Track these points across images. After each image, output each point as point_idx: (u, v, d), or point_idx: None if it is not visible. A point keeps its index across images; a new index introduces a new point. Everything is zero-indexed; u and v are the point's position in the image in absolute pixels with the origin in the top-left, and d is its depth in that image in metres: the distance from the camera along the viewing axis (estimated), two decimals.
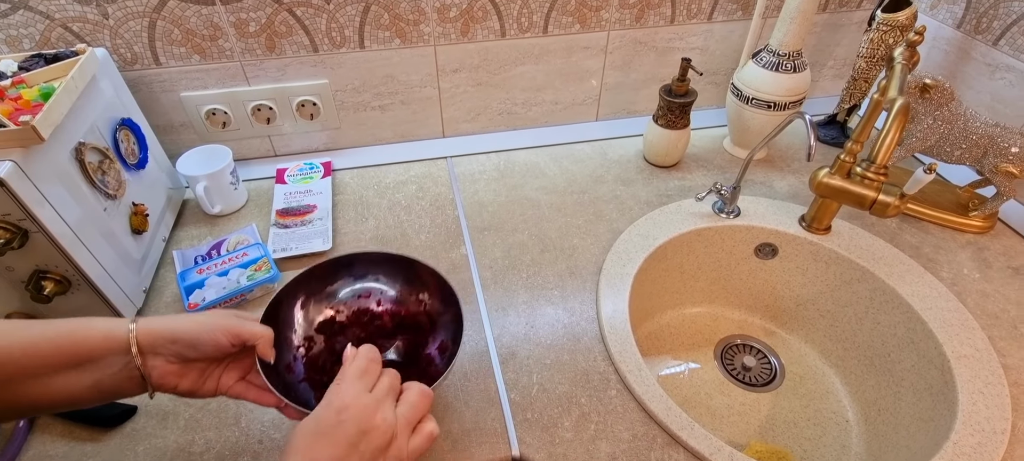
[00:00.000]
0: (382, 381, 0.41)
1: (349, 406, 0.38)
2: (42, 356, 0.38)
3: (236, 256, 0.70)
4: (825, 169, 0.69)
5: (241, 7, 0.73)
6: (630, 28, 0.87)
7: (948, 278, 0.70)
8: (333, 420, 0.38)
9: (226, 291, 0.65)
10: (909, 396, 0.66)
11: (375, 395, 0.40)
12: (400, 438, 0.39)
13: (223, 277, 0.67)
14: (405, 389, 0.43)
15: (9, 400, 0.38)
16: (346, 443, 0.37)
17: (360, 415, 0.38)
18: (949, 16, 0.86)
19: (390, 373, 0.43)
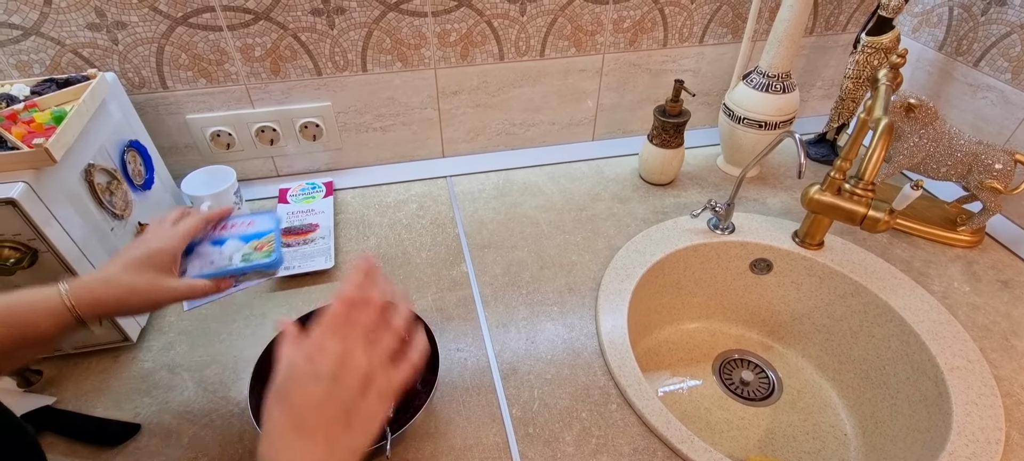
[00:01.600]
0: (356, 325, 0.40)
1: (315, 359, 0.37)
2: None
3: (240, 224, 0.57)
4: (816, 186, 0.70)
5: (247, 32, 0.75)
6: (624, 51, 0.90)
7: (939, 291, 0.72)
8: (300, 371, 0.37)
9: (213, 268, 0.52)
10: (905, 408, 0.67)
11: (346, 341, 0.39)
12: (379, 375, 0.38)
13: (217, 247, 0.54)
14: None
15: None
16: (319, 390, 0.36)
17: (327, 361, 0.37)
18: (931, 39, 0.89)
19: (367, 312, 0.42)
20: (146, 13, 0.71)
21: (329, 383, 0.36)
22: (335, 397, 0.36)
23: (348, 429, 0.36)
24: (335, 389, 0.36)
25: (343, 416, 0.36)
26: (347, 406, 0.36)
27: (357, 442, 0.36)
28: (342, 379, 0.36)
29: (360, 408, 0.37)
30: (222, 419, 0.57)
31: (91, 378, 0.61)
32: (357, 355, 0.38)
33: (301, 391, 0.36)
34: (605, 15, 0.85)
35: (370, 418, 0.38)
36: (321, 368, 0.36)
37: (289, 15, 0.75)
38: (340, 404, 0.36)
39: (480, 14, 0.80)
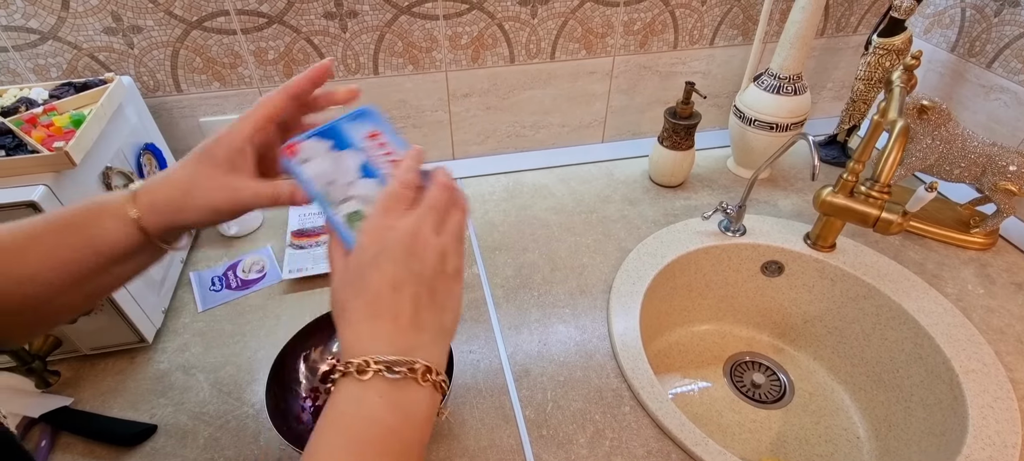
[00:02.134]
0: (420, 204, 0.35)
1: (381, 232, 0.33)
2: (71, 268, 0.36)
3: (391, 150, 0.43)
4: (828, 188, 0.70)
5: (261, 36, 0.75)
6: (634, 54, 0.90)
7: (953, 294, 0.71)
8: (371, 252, 0.33)
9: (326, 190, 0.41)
10: (919, 411, 0.66)
11: (414, 216, 0.34)
12: (452, 251, 0.35)
13: (349, 159, 0.43)
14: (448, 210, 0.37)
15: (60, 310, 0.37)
16: (393, 268, 0.32)
17: (397, 237, 0.33)
18: (943, 40, 0.89)
19: (431, 191, 0.36)
20: (161, 17, 0.71)
21: (404, 258, 0.33)
22: (413, 272, 0.33)
23: (433, 305, 0.33)
24: (411, 263, 0.33)
25: (426, 292, 0.33)
26: (428, 282, 0.33)
27: (444, 320, 0.34)
28: (417, 253, 0.33)
29: (440, 284, 0.34)
30: (237, 420, 0.58)
31: (108, 379, 0.62)
32: (426, 229, 0.34)
33: (375, 272, 0.32)
34: (616, 17, 0.85)
35: (451, 295, 0.35)
36: (391, 245, 0.33)
37: (302, 19, 0.75)
38: (419, 280, 0.33)
39: (491, 17, 0.81)
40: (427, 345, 0.33)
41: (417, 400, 0.31)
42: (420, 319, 0.33)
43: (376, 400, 0.30)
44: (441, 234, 0.35)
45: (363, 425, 0.30)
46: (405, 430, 0.31)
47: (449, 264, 0.34)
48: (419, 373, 0.31)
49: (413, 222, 0.34)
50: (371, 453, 0.29)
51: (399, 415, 0.31)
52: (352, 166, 0.38)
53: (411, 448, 0.31)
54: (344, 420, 0.30)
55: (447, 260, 0.34)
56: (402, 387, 0.31)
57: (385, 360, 0.31)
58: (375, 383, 0.30)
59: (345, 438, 0.30)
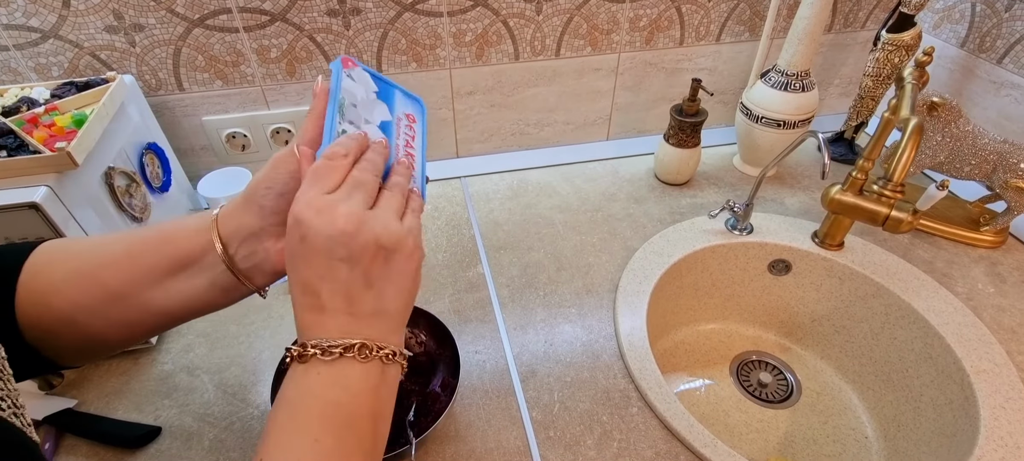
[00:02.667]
0: (347, 181, 0.34)
1: (302, 218, 0.32)
2: (147, 260, 0.37)
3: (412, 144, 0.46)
4: (837, 186, 0.70)
5: (264, 34, 0.75)
6: (640, 50, 0.89)
7: (963, 293, 0.70)
8: (295, 240, 0.33)
9: None
10: (929, 412, 0.66)
11: (335, 196, 0.33)
12: (385, 230, 0.33)
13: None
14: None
15: (132, 316, 0.37)
16: (319, 258, 0.32)
17: (324, 230, 0.32)
18: (953, 35, 0.88)
19: (357, 167, 0.35)
20: (164, 15, 0.71)
21: (328, 247, 0.32)
22: (339, 261, 0.32)
23: (368, 290, 0.33)
24: (336, 251, 0.32)
25: (359, 279, 0.33)
26: (360, 269, 0.33)
27: (384, 303, 0.34)
28: (342, 241, 0.32)
29: (374, 269, 0.33)
30: (242, 422, 0.57)
31: (112, 381, 0.62)
32: (354, 210, 0.32)
33: (303, 264, 0.33)
34: (621, 14, 0.84)
35: (390, 277, 0.34)
36: (316, 234, 0.32)
37: (305, 16, 0.75)
38: (349, 268, 0.32)
39: (496, 13, 0.80)
40: (366, 328, 0.34)
41: (356, 375, 0.33)
42: (355, 308, 0.33)
43: (315, 379, 0.32)
44: (375, 209, 0.34)
45: (306, 401, 0.32)
46: (346, 402, 0.33)
47: (385, 242, 0.33)
48: (355, 350, 0.33)
49: (341, 206, 0.32)
50: (314, 424, 0.31)
51: (337, 389, 0.32)
52: (378, 115, 0.40)
53: (356, 418, 0.33)
54: (289, 399, 0.33)
55: (381, 239, 0.33)
56: (338, 366, 0.33)
57: (320, 345, 0.32)
58: (314, 365, 0.32)
59: (289, 413, 0.32)
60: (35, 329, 0.36)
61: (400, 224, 0.34)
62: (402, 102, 0.41)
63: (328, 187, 0.33)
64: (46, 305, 0.36)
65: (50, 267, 0.37)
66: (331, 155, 0.34)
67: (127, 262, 0.37)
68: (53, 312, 0.36)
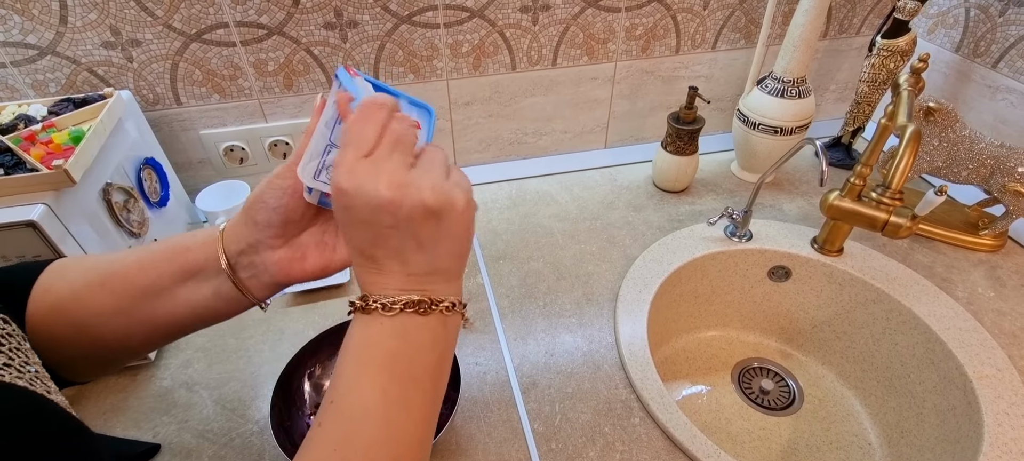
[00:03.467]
0: (384, 139, 0.33)
1: (344, 188, 0.31)
2: (157, 269, 0.38)
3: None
4: (836, 192, 0.70)
5: (261, 48, 0.75)
6: (636, 59, 0.89)
7: (963, 297, 0.70)
8: (340, 210, 0.32)
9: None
10: (932, 417, 0.65)
11: (376, 158, 0.32)
12: (429, 190, 0.32)
13: None
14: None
15: (143, 323, 0.39)
16: (367, 227, 0.32)
17: (369, 196, 0.31)
18: (947, 40, 0.88)
19: (391, 127, 0.33)
20: (160, 31, 0.71)
21: (373, 214, 0.32)
22: (387, 228, 0.32)
23: (420, 250, 0.33)
24: (382, 218, 0.32)
25: (411, 242, 0.33)
26: (409, 232, 0.32)
27: (436, 260, 0.34)
28: (386, 208, 0.31)
29: (423, 230, 0.32)
30: (242, 438, 0.57)
31: (110, 397, 0.61)
32: (397, 172, 0.32)
33: (355, 232, 0.33)
34: (617, 23, 0.85)
35: (438, 236, 0.33)
36: (362, 202, 0.31)
37: (302, 30, 0.75)
38: (398, 233, 0.32)
39: (492, 25, 0.80)
40: (424, 284, 0.34)
41: (417, 327, 0.34)
42: (409, 268, 0.34)
43: (378, 329, 0.33)
44: (418, 169, 0.33)
45: (368, 350, 0.33)
46: (408, 352, 0.34)
47: (433, 204, 0.32)
48: (415, 306, 0.33)
49: (384, 170, 0.31)
50: (382, 375, 0.33)
51: (399, 340, 0.33)
52: None
53: (418, 367, 0.34)
54: (353, 346, 0.34)
55: (428, 203, 0.32)
56: (400, 319, 0.33)
57: (380, 300, 0.33)
58: (376, 317, 0.33)
59: (355, 360, 0.33)
60: (46, 341, 0.37)
61: (447, 181, 0.33)
62: (407, 109, 0.40)
63: (366, 147, 0.32)
64: (59, 314, 0.37)
65: (62, 280, 0.38)
66: (367, 107, 0.33)
67: (137, 270, 0.38)
68: (66, 319, 0.37)
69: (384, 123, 0.33)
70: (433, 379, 0.35)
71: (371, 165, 0.31)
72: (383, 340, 0.33)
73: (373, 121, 0.32)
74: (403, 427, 0.33)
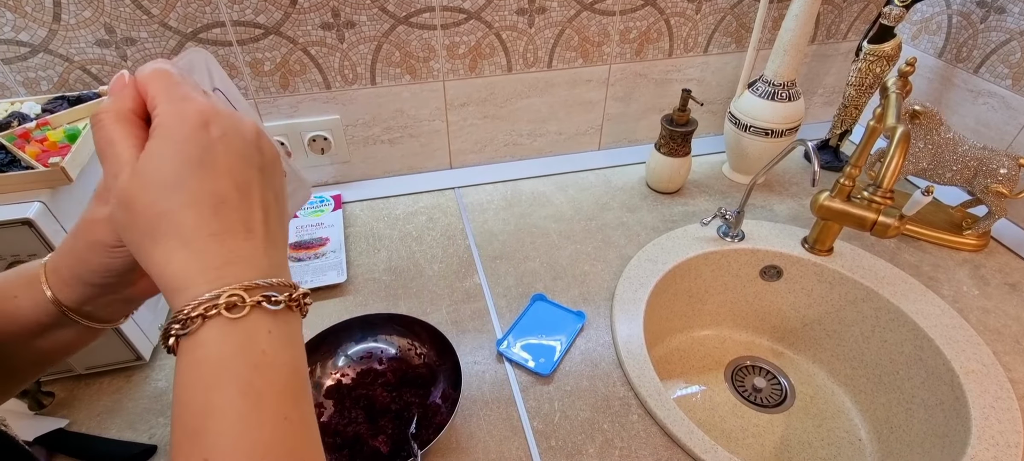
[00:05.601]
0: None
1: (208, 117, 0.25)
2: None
3: None
4: (826, 192, 0.71)
5: (257, 47, 0.75)
6: (631, 62, 0.90)
7: (949, 295, 0.72)
8: (191, 142, 0.25)
9: None
10: (921, 413, 0.67)
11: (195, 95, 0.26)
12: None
13: None
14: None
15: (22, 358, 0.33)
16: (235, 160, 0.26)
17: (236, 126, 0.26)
18: (931, 46, 0.91)
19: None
20: (156, 29, 0.70)
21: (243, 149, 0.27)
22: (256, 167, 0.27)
23: (280, 209, 0.28)
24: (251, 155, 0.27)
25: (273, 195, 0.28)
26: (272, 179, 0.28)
27: (286, 227, 0.29)
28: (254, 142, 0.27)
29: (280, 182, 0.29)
30: None
31: (104, 399, 0.60)
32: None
33: (209, 171, 0.25)
34: (612, 26, 0.86)
35: (284, 194, 0.29)
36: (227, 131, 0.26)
37: (299, 30, 0.75)
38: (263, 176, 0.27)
39: (489, 26, 0.81)
40: (284, 261, 0.27)
41: (296, 325, 0.26)
42: (272, 230, 0.27)
43: (266, 337, 0.24)
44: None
45: (264, 372, 0.24)
46: (297, 359, 0.26)
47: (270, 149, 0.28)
48: (297, 296, 0.26)
49: (188, 94, 0.26)
50: (279, 399, 0.24)
51: (291, 347, 0.25)
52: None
53: (304, 377, 0.26)
54: (235, 371, 0.23)
55: (274, 146, 0.28)
56: (285, 317, 0.25)
57: (263, 288, 0.24)
58: (257, 318, 0.24)
59: (243, 391, 0.23)
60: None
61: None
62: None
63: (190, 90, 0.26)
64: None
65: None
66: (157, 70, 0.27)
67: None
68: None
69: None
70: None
71: (211, 100, 0.26)
72: (277, 350, 0.25)
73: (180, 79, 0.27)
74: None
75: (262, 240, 0.26)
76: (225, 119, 0.26)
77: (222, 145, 0.25)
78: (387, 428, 0.54)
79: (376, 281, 0.74)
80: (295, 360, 0.25)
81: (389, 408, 0.56)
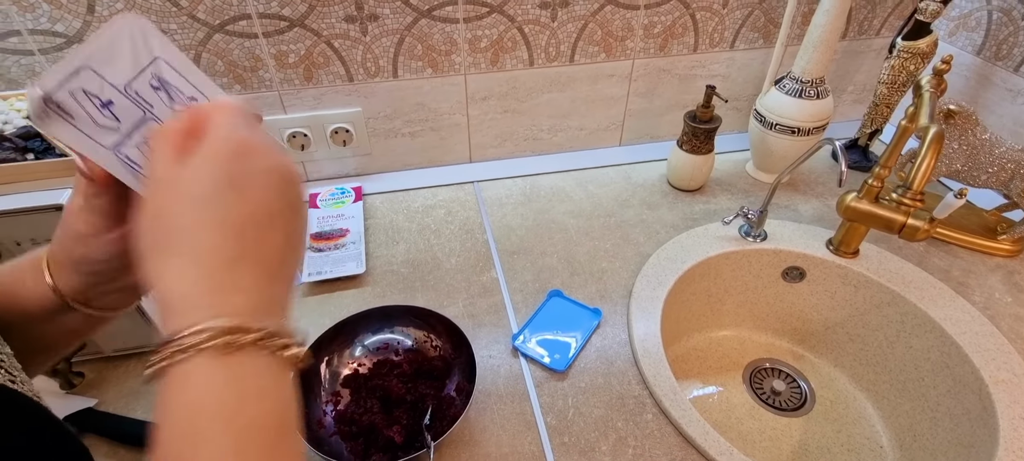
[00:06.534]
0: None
1: (250, 145, 0.26)
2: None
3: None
4: (853, 193, 0.69)
5: (282, 40, 0.76)
6: (654, 57, 0.89)
7: (980, 302, 0.70)
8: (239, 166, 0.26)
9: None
10: (946, 421, 0.65)
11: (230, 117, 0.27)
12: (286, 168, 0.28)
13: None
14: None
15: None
16: (272, 189, 0.26)
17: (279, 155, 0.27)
18: (968, 43, 0.87)
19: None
20: (185, 21, 0.72)
21: (281, 178, 0.27)
22: (279, 196, 0.27)
23: (288, 244, 0.28)
24: (288, 190, 0.28)
25: (293, 229, 0.29)
26: (286, 209, 0.28)
27: (299, 260, 0.30)
28: (290, 179, 0.28)
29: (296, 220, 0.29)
30: None
31: (131, 380, 0.62)
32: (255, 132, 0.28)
33: (232, 193, 0.26)
34: (636, 20, 0.84)
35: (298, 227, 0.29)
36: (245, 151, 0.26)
37: (323, 22, 0.75)
38: (284, 208, 0.27)
39: (511, 20, 0.80)
40: (287, 301, 0.28)
41: (288, 373, 0.26)
42: (286, 268, 0.28)
43: (256, 380, 0.24)
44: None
45: (252, 412, 0.24)
46: (291, 409, 0.26)
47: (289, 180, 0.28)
48: (292, 355, 0.26)
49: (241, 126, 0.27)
50: (275, 447, 0.24)
51: (283, 392, 0.25)
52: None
53: (295, 425, 0.26)
54: (225, 409, 0.23)
55: (303, 192, 0.29)
56: (275, 360, 0.25)
57: (268, 327, 0.24)
58: (253, 355, 0.24)
59: (232, 433, 0.23)
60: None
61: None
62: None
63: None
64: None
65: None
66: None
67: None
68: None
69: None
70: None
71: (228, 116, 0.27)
72: (270, 391, 0.25)
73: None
74: None
75: (275, 273, 0.26)
76: (269, 153, 0.27)
77: (262, 177, 0.26)
78: (401, 418, 0.54)
79: (394, 273, 0.75)
80: (287, 398, 0.25)
81: (404, 399, 0.56)
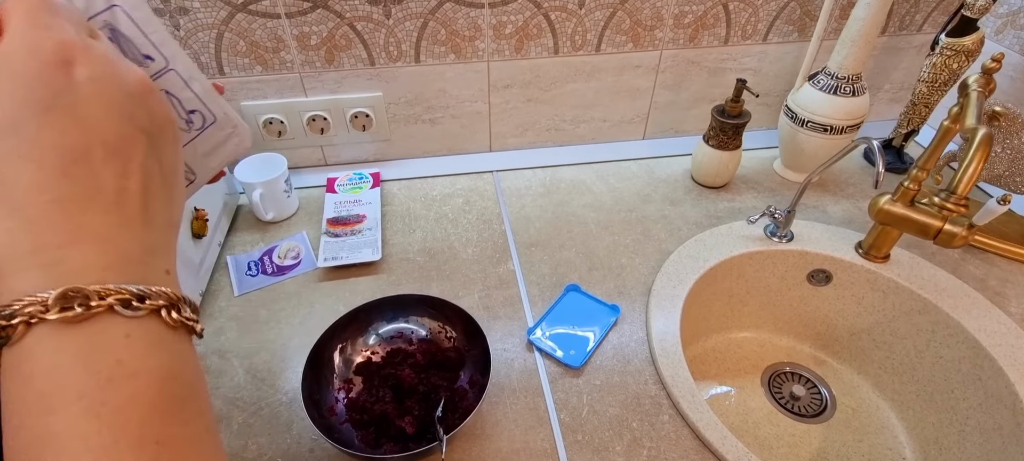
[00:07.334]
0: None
1: (72, 53, 0.21)
2: None
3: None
4: (887, 196, 0.67)
5: (305, 21, 0.75)
6: (683, 48, 0.86)
7: (1017, 313, 0.67)
8: (54, 88, 0.20)
9: None
10: (975, 436, 0.63)
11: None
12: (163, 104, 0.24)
13: None
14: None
15: None
16: (113, 115, 0.21)
17: (104, 61, 0.22)
18: (1016, 41, 0.83)
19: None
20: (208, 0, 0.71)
21: (122, 96, 0.23)
22: (136, 123, 0.23)
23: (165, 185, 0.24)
24: (130, 107, 0.23)
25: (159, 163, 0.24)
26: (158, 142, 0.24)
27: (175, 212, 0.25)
28: (135, 92, 0.23)
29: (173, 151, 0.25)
30: (270, 408, 0.58)
31: None
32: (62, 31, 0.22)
33: (68, 117, 0.21)
34: (666, 10, 0.82)
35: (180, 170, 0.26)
36: (98, 68, 0.22)
37: (346, 4, 0.74)
38: (148, 137, 0.23)
39: (538, 6, 0.78)
40: (164, 248, 0.22)
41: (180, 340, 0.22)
42: (151, 208, 0.22)
43: (123, 343, 0.20)
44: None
45: (122, 388, 0.19)
46: (181, 369, 0.21)
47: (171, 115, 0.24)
48: (180, 319, 0.21)
49: (54, 25, 0.21)
50: (161, 424, 0.19)
51: (163, 354, 0.21)
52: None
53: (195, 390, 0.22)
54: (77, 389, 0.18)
55: (170, 111, 0.24)
56: (150, 321, 0.21)
57: (123, 291, 0.19)
58: (108, 321, 0.19)
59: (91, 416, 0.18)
60: None
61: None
62: None
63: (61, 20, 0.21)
64: None
65: None
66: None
67: None
68: None
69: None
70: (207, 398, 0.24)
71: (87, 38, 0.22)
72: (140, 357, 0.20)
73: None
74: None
75: (135, 217, 0.21)
76: (99, 62, 0.21)
77: (90, 91, 0.20)
78: (413, 409, 0.54)
79: (410, 261, 0.75)
80: (170, 365, 0.20)
81: (417, 389, 0.56)
